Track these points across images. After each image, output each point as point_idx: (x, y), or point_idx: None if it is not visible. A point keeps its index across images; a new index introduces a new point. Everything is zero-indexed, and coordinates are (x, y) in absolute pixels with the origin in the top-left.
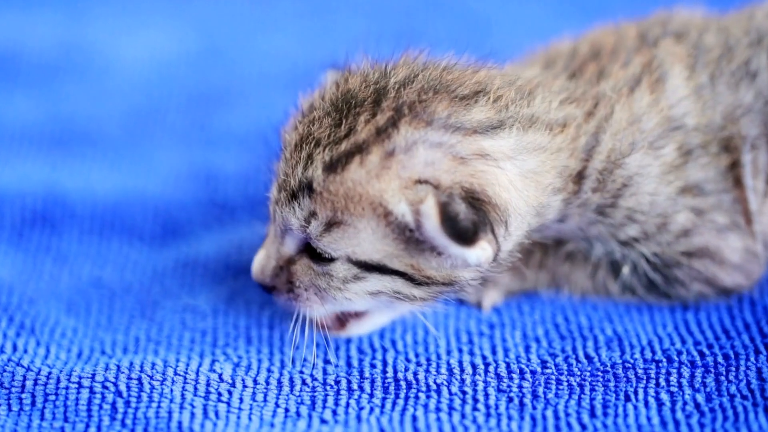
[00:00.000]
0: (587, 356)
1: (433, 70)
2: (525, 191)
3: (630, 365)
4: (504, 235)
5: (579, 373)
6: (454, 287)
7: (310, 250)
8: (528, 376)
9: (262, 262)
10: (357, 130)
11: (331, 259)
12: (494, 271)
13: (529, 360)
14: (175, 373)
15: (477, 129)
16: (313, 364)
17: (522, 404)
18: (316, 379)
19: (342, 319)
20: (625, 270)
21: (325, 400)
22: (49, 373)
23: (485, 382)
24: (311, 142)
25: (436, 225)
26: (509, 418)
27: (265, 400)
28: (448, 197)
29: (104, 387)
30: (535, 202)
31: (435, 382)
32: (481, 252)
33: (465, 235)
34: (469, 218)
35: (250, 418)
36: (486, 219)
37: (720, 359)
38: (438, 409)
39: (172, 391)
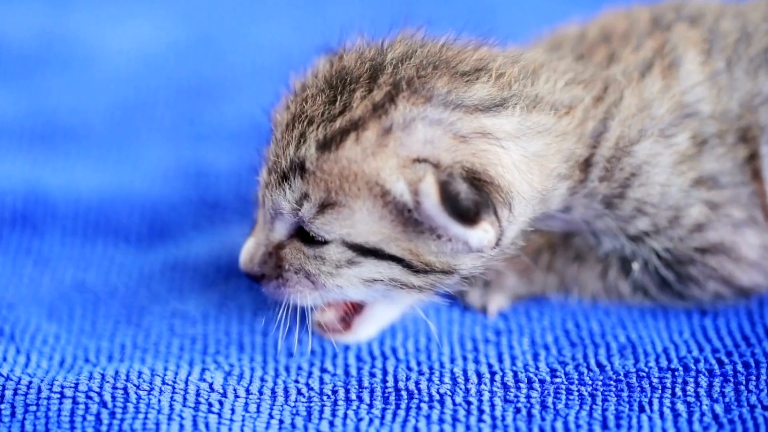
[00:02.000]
0: (599, 364)
1: (432, 46)
2: (529, 174)
3: (644, 374)
4: (507, 219)
5: (590, 382)
6: (454, 276)
7: (301, 234)
8: (536, 385)
9: (250, 251)
10: (352, 107)
11: (324, 242)
12: (496, 259)
13: (537, 368)
14: (163, 383)
15: (478, 106)
16: (309, 373)
17: (530, 415)
18: (312, 389)
19: (347, 320)
20: (636, 266)
21: (321, 411)
22: (30, 382)
23: (491, 392)
24: (304, 120)
25: (435, 203)
26: (516, 429)
27: (258, 411)
28: (448, 176)
29: (88, 397)
30: (540, 186)
31: (438, 392)
32: (483, 234)
33: (466, 215)
34: (470, 198)
35: (242, 430)
36: (488, 199)
37: (740, 368)
38: (441, 421)
39: (159, 401)
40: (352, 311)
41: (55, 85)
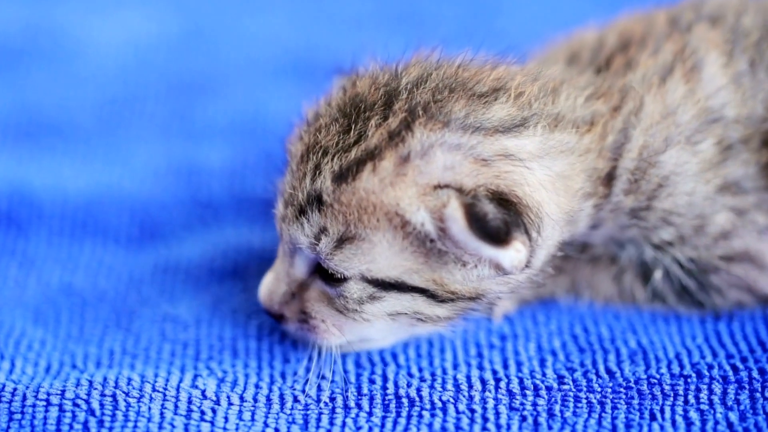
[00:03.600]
0: (609, 371)
1: (447, 68)
2: (555, 195)
3: (656, 381)
4: (536, 241)
5: (599, 389)
6: (481, 302)
7: (322, 271)
8: (543, 392)
9: (270, 286)
10: (368, 136)
11: (344, 279)
12: (524, 286)
13: (544, 375)
14: (154, 390)
15: (498, 128)
16: (306, 380)
17: (536, 424)
18: (309, 396)
19: None
20: (657, 275)
21: (319, 419)
22: (15, 389)
23: (496, 399)
24: (318, 151)
25: (463, 228)
26: None
27: (252, 419)
28: (473, 198)
29: (75, 405)
30: (567, 207)
31: (440, 400)
32: (515, 254)
33: (497, 235)
34: (499, 217)
35: None
36: (519, 218)
37: (755, 374)
38: (444, 429)
39: (150, 409)
40: None
41: (40, 80)
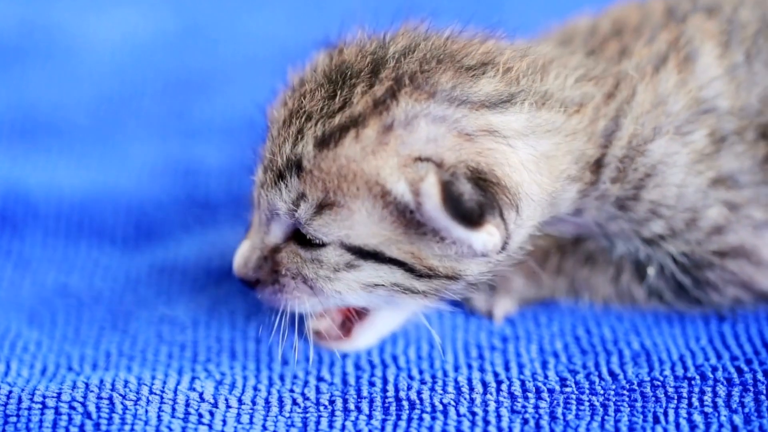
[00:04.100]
0: (611, 373)
1: (436, 39)
2: (538, 175)
3: (659, 383)
4: (515, 222)
5: (602, 392)
6: (459, 282)
7: (298, 236)
8: (545, 395)
9: (245, 255)
10: (352, 103)
11: (322, 245)
12: (503, 264)
13: (546, 377)
14: (151, 392)
15: (485, 102)
16: (305, 382)
17: (539, 427)
18: (308, 399)
19: (348, 326)
20: (651, 272)
21: (318, 422)
22: (10, 392)
23: (497, 402)
24: (302, 116)
25: (437, 205)
26: None
27: (251, 422)
28: (451, 176)
29: (71, 408)
30: (549, 188)
31: (441, 402)
32: (488, 237)
33: (470, 217)
34: (474, 199)
35: None
36: (494, 201)
37: (760, 376)
38: None
39: (147, 412)
40: (355, 317)
41: (35, 78)
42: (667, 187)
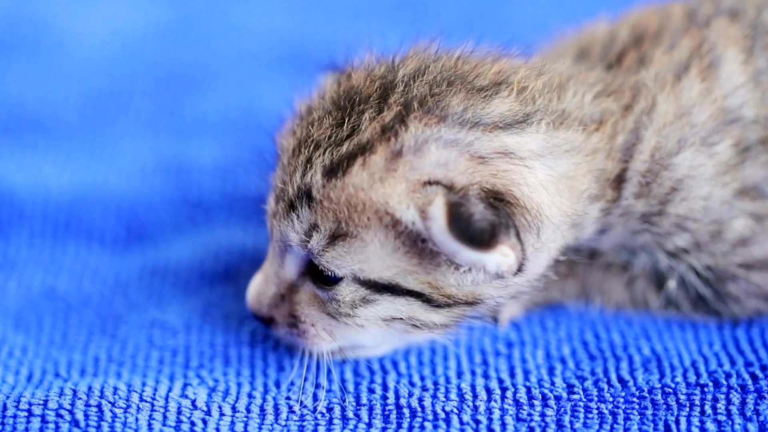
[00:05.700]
0: (621, 380)
1: (446, 60)
2: (557, 197)
3: (671, 390)
4: (534, 244)
5: (611, 399)
6: (479, 308)
7: (313, 272)
8: (552, 402)
9: (259, 288)
10: (361, 129)
11: (336, 280)
12: (524, 289)
13: (553, 384)
14: (141, 399)
15: (498, 124)
16: (302, 389)
17: None
18: (304, 406)
19: None
20: (672, 284)
21: (315, 431)
22: None
23: (502, 409)
24: (310, 145)
25: (442, 227)
26: None
27: (245, 431)
28: (461, 197)
29: (58, 415)
30: (570, 210)
31: (443, 410)
32: (501, 258)
33: (480, 238)
34: (486, 219)
35: None
36: (509, 221)
37: None
38: None
39: (137, 420)
40: None
41: (21, 72)
42: (694, 200)
